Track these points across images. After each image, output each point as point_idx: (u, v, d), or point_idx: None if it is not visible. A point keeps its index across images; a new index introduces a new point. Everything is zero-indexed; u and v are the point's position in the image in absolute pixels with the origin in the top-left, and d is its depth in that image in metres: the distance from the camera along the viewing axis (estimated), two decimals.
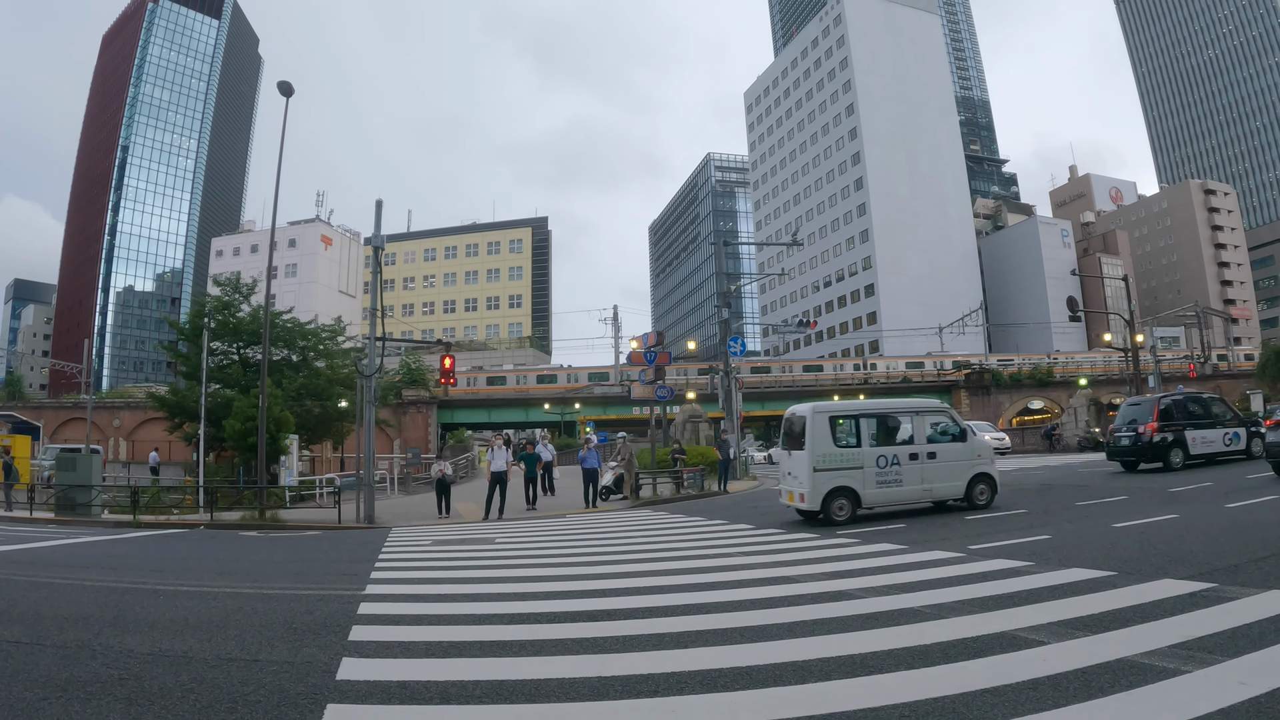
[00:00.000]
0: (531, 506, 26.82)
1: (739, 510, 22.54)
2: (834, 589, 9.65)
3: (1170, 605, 7.82)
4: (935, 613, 8.06)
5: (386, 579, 12.35)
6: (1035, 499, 19.62)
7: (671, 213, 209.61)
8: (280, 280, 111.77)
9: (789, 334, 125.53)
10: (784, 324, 66.74)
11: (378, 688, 6.22)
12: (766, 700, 5.66)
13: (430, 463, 45.75)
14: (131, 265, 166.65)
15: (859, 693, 5.71)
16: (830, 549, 13.45)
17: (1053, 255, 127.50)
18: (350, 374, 45.46)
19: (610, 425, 79.84)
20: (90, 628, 8.60)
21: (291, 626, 8.56)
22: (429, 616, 9.15)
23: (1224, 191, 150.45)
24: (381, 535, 20.45)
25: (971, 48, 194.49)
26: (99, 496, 28.87)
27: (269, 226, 29.21)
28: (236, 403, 38.72)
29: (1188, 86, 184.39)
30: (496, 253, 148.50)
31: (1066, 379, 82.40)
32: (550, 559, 14.27)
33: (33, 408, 77.11)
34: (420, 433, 77.16)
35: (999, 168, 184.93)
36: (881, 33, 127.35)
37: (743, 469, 38.50)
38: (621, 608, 9.13)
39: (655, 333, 36.76)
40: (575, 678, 6.29)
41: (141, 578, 13.40)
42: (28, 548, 18.22)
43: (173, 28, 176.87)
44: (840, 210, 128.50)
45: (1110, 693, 5.50)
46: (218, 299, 46.97)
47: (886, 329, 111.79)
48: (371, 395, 27.13)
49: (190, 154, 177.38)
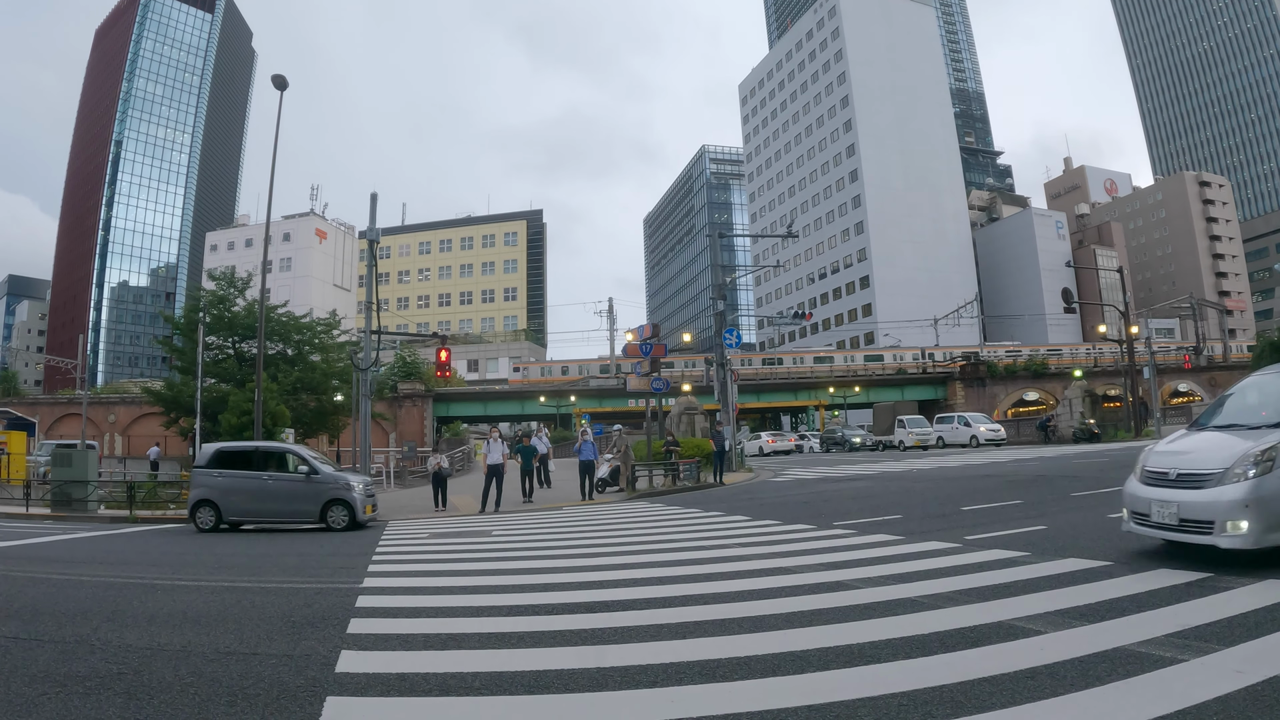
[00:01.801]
0: (528, 499, 26.78)
1: (735, 502, 22.54)
2: (832, 580, 9.65)
3: (1166, 595, 7.84)
4: (933, 603, 8.07)
5: (384, 572, 12.33)
6: (1031, 490, 19.67)
7: (666, 205, 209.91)
8: (275, 274, 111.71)
9: (785, 326, 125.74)
10: (779, 316, 67.05)
11: (377, 680, 6.21)
12: (765, 690, 5.66)
13: (426, 456, 45.75)
14: (126, 260, 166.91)
15: (858, 682, 5.71)
16: (827, 540, 13.45)
17: (1047, 247, 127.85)
18: (346, 367, 45.54)
19: (606, 418, 80.00)
20: (88, 623, 8.56)
21: (290, 620, 8.55)
22: (427, 609, 9.15)
23: (1219, 183, 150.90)
24: (378, 529, 20.45)
25: (966, 40, 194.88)
26: (95, 492, 28.79)
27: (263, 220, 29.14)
28: (232, 397, 38.79)
29: (1183, 78, 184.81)
30: (491, 246, 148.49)
31: (1061, 371, 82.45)
32: (547, 551, 14.25)
33: (28, 404, 77.12)
34: (416, 426, 77.18)
35: (994, 159, 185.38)
36: (876, 25, 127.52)
37: (738, 460, 38.53)
38: (619, 599, 9.15)
39: (651, 325, 36.81)
40: (574, 669, 6.29)
41: (139, 572, 13.40)
42: (24, 543, 18.17)
43: (166, 22, 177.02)
44: (835, 202, 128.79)
45: (1108, 681, 5.50)
46: (212, 293, 47.01)
47: (882, 321, 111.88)
48: (368, 389, 27.14)
49: (184, 148, 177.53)
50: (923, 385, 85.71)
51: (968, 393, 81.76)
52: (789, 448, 63.52)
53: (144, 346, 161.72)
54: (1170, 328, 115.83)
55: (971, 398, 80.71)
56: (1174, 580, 8.35)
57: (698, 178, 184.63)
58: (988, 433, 53.40)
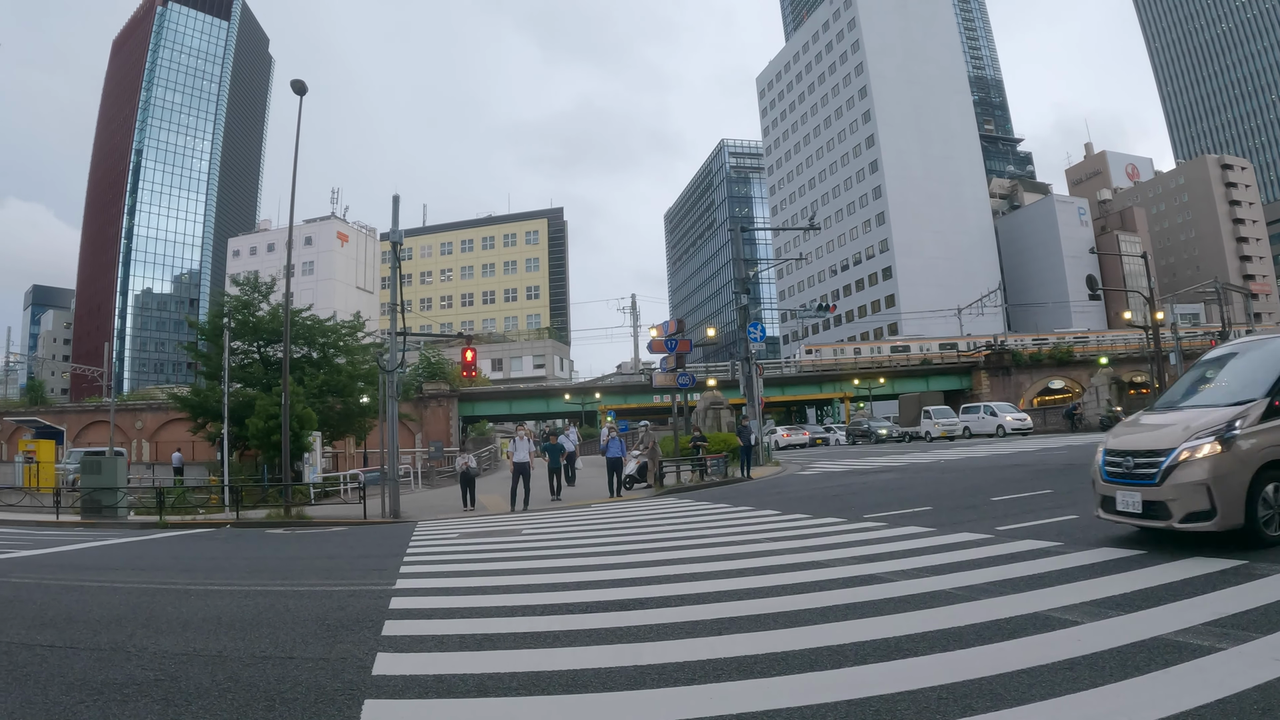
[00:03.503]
0: (556, 497, 26.82)
1: (764, 496, 22.49)
2: (865, 573, 9.63)
3: (1201, 583, 7.79)
4: (967, 594, 8.05)
5: (416, 573, 12.37)
6: (1060, 479, 19.57)
7: (686, 200, 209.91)
8: (298, 278, 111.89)
9: (809, 318, 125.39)
10: (803, 308, 66.81)
11: (414, 682, 6.22)
12: (804, 685, 5.65)
13: (453, 456, 45.84)
14: (149, 268, 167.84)
15: (896, 676, 5.70)
16: (858, 533, 13.42)
17: (1070, 234, 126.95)
18: (371, 369, 45.63)
19: (630, 414, 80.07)
20: (123, 629, 8.61)
21: (324, 623, 8.57)
22: (461, 609, 9.16)
23: (1241, 166, 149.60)
24: (408, 529, 20.50)
25: (983, 27, 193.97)
26: (125, 498, 28.98)
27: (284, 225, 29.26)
28: (259, 401, 38.92)
29: (1203, 60, 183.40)
30: (513, 244, 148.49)
31: (1087, 358, 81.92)
32: (579, 549, 14.28)
33: (55, 412, 77.55)
34: (441, 426, 77.28)
35: (1013, 147, 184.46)
36: (892, 14, 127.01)
37: (765, 455, 38.46)
38: (653, 596, 9.14)
39: (676, 320, 36.78)
40: (611, 667, 6.29)
41: (172, 578, 13.47)
42: (56, 551, 18.30)
43: (182, 31, 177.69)
44: (856, 193, 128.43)
45: (1147, 671, 5.49)
46: (237, 298, 47.16)
47: (905, 312, 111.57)
48: (395, 390, 27.17)
49: (204, 155, 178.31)
50: (948, 375, 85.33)
51: (993, 382, 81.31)
52: (804, 441, 63.38)
53: (169, 353, 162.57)
54: (1195, 312, 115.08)
55: (997, 387, 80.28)
56: (1209, 568, 8.29)
57: (717, 172, 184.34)
58: (1014, 422, 53.15)
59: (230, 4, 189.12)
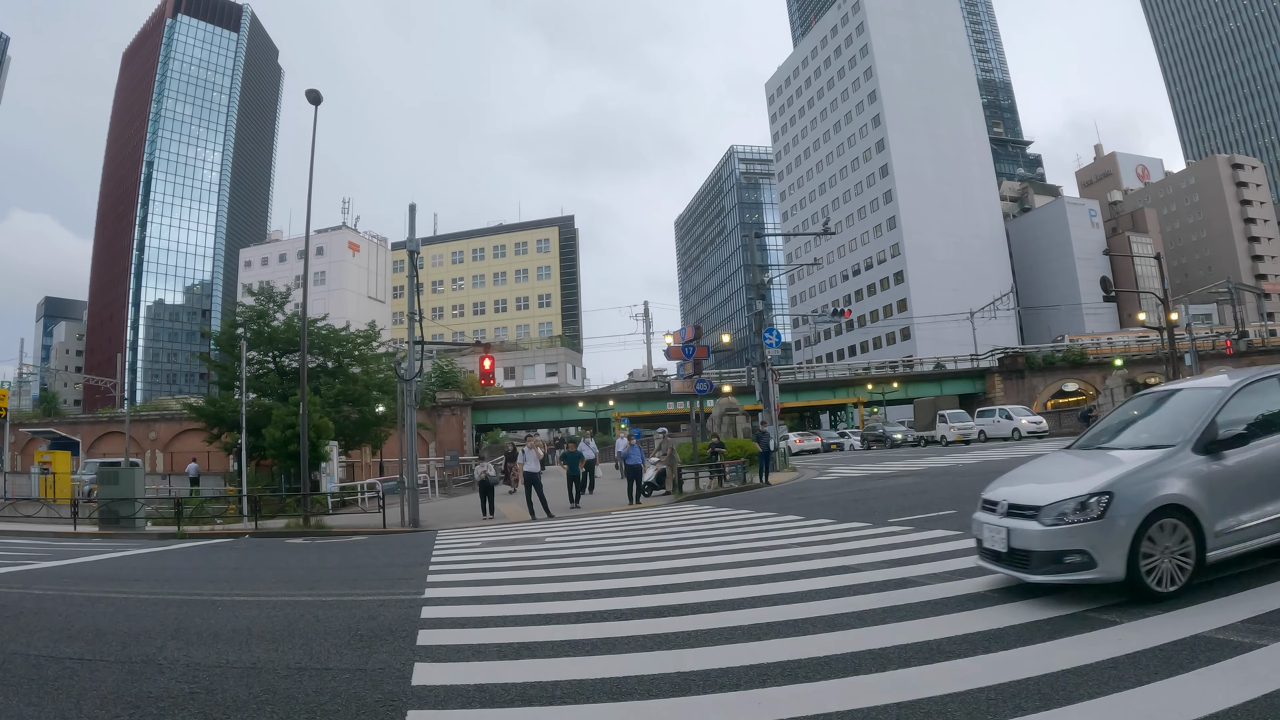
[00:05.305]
0: (575, 505, 26.79)
1: (785, 501, 22.45)
2: (897, 576, 9.61)
3: (1235, 581, 7.79)
4: (1003, 597, 8.02)
5: (444, 582, 12.37)
6: None
7: (696, 206, 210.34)
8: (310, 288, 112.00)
9: (822, 323, 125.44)
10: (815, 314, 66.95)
11: (456, 692, 6.20)
12: (851, 689, 5.65)
13: (470, 464, 45.84)
14: (161, 279, 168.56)
15: (942, 678, 5.72)
16: (884, 538, 13.36)
17: (1081, 236, 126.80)
18: (386, 379, 45.68)
19: (645, 421, 79.98)
20: (153, 641, 8.57)
21: (356, 633, 8.55)
22: (494, 618, 9.14)
23: (1252, 165, 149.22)
24: (429, 538, 20.48)
25: (991, 30, 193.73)
26: (142, 509, 28.99)
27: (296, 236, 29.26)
28: (275, 411, 38.94)
29: (1211, 59, 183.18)
30: (524, 253, 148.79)
31: (1100, 360, 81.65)
32: (605, 556, 14.27)
33: (69, 423, 77.90)
34: (455, 435, 77.34)
35: (1023, 149, 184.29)
36: (900, 18, 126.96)
37: (781, 460, 38.42)
38: (687, 603, 9.12)
39: (693, 326, 36.85)
40: (655, 674, 6.28)
41: (197, 589, 13.47)
42: (77, 562, 18.25)
43: (192, 42, 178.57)
44: (866, 198, 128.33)
45: (1191, 668, 5.53)
46: (251, 308, 47.25)
47: (917, 315, 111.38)
48: (413, 399, 27.18)
49: (215, 166, 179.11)
50: (961, 379, 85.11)
51: (1007, 385, 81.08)
52: (816, 447, 63.30)
53: (181, 364, 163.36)
54: (1208, 313, 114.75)
55: (1011, 390, 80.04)
56: (1241, 567, 8.24)
57: (727, 178, 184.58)
58: (1029, 425, 52.95)
59: (239, 16, 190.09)
